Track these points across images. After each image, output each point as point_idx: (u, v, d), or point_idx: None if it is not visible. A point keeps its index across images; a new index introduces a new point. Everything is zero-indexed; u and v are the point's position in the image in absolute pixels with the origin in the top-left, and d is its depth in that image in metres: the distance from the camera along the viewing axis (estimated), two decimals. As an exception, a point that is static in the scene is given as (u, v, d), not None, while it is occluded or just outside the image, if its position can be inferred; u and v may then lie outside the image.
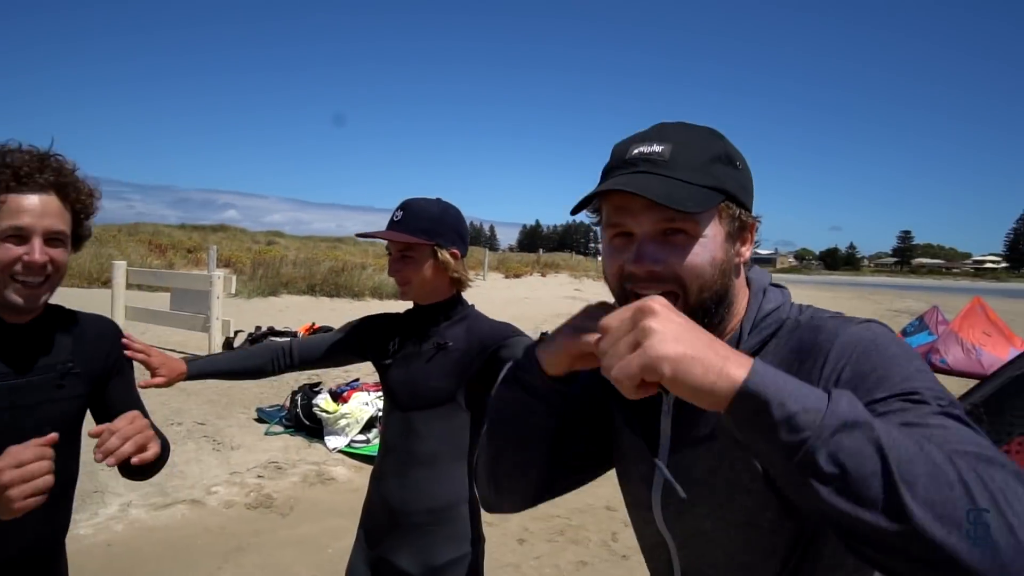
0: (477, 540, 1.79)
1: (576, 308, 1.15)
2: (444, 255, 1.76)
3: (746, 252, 0.94)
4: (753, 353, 0.89)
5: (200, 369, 1.87)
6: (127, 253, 17.33)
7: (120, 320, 9.19)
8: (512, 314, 15.43)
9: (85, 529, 3.74)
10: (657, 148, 0.88)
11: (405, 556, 1.75)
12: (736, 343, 0.93)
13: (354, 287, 17.01)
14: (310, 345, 1.98)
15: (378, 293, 17.27)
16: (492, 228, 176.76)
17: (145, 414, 1.40)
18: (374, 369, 1.93)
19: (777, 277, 1.04)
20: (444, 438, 1.75)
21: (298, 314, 12.34)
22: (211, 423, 5.73)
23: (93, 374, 1.48)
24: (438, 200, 1.82)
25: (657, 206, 0.83)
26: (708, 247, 0.87)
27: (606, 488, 2.10)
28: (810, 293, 36.71)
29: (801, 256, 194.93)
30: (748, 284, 0.97)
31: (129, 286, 10.07)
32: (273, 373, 1.98)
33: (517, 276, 30.29)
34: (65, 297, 1.41)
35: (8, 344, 1.35)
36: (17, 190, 1.28)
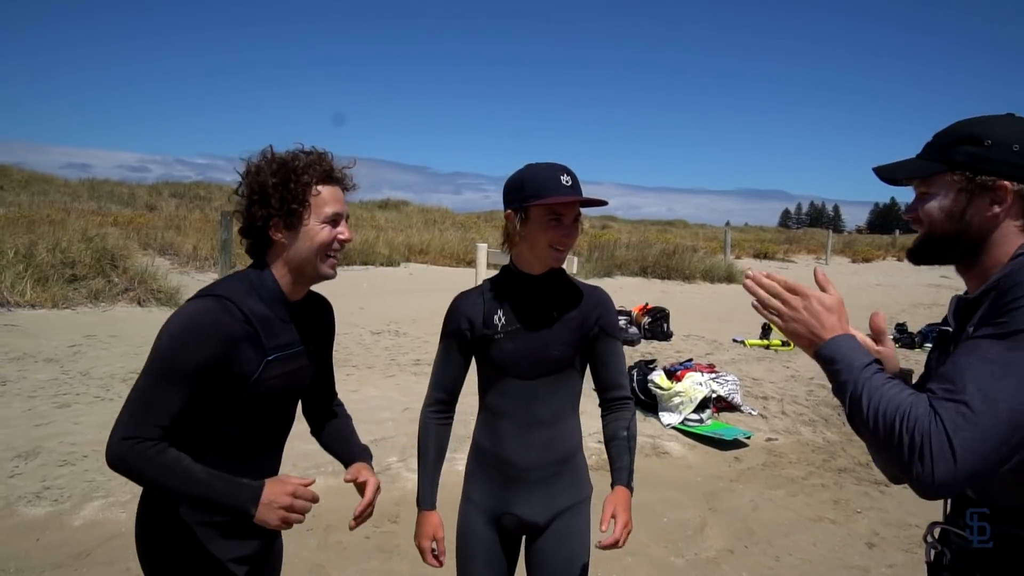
0: (590, 486, 1.95)
1: (940, 297, 1.18)
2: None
3: (995, 208, 1.16)
4: (991, 287, 1.12)
5: (432, 495, 1.91)
6: (486, 237, 19.67)
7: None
8: (860, 302, 13.97)
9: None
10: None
11: (531, 507, 1.85)
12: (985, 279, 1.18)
13: (685, 270, 17.00)
14: (451, 381, 1.91)
15: (709, 276, 17.02)
16: (836, 208, 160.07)
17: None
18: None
19: None
20: (564, 399, 1.86)
21: (632, 295, 12.79)
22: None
23: (327, 345, 1.83)
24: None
25: None
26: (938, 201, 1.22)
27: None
28: None
29: None
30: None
31: (489, 266, 11.51)
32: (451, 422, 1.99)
33: (867, 260, 27.18)
34: (438, 274, 1.70)
35: (292, 319, 1.62)
36: (328, 183, 1.58)
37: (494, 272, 1.95)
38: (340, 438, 1.90)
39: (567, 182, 1.72)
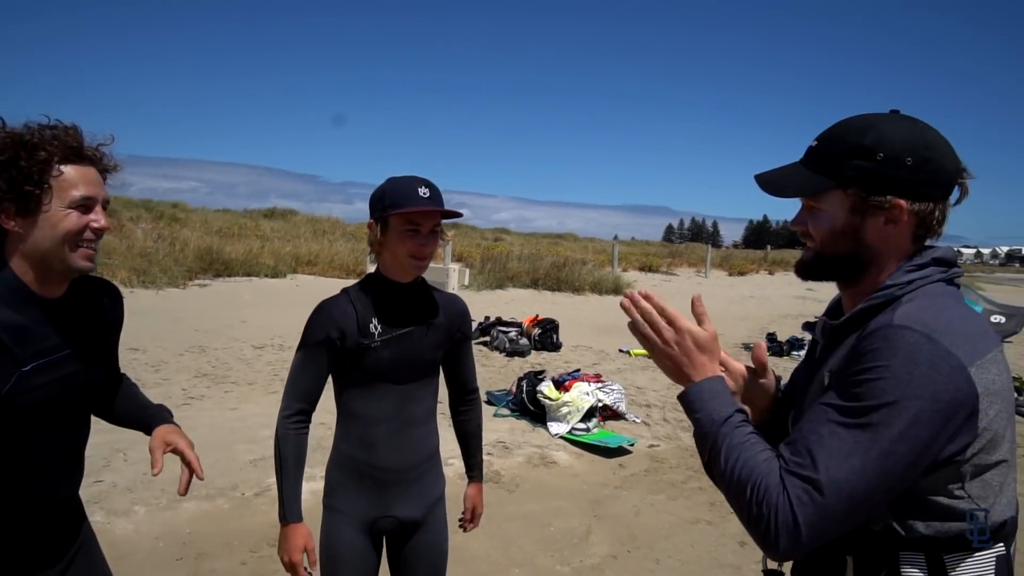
0: (444, 474, 2.08)
1: (807, 309, 1.22)
2: (444, 231, 1.91)
3: (889, 228, 1.11)
4: (850, 319, 1.14)
5: (297, 506, 1.83)
6: (377, 248, 19.34)
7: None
8: (736, 314, 14.84)
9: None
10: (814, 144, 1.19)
11: (407, 506, 1.92)
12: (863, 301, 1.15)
13: (574, 282, 17.42)
14: (313, 391, 1.86)
15: (597, 288, 17.52)
16: (715, 224, 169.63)
17: None
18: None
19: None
20: (430, 399, 1.97)
21: (522, 306, 12.96)
22: (446, 403, 6.27)
23: (110, 339, 1.67)
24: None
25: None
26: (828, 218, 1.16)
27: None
28: (1111, 299, 30.63)
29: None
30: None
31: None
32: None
33: (742, 274, 28.87)
34: (327, 286, 1.65)
35: (53, 320, 1.42)
36: (75, 163, 1.36)
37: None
38: (131, 406, 1.73)
39: (424, 194, 1.78)
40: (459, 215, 1.89)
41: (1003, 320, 13.09)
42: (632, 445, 5.58)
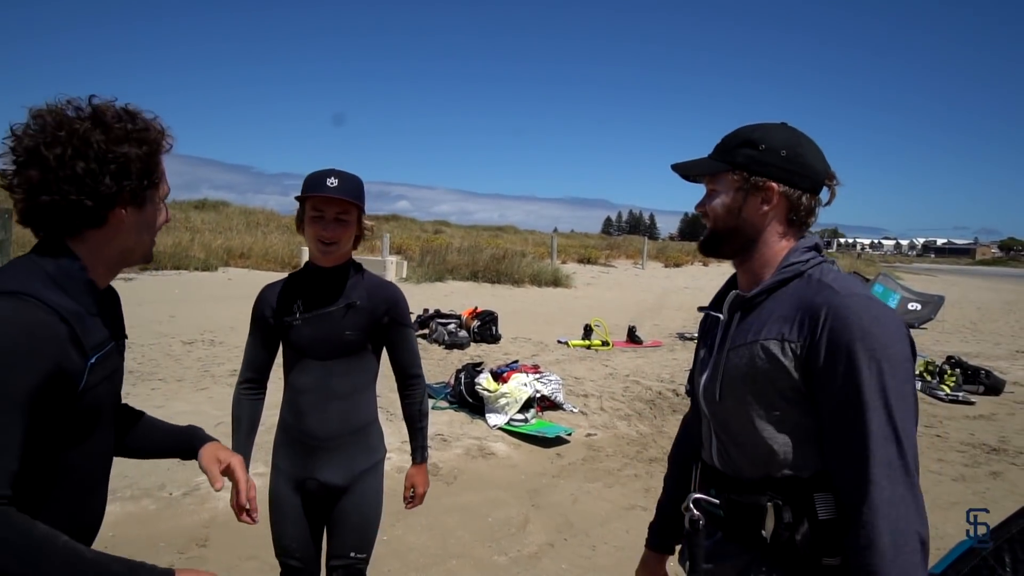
0: (383, 450, 2.23)
1: None
2: (365, 220, 2.08)
3: (764, 208, 1.34)
4: (765, 290, 1.33)
5: (247, 446, 2.18)
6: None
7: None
8: (672, 304, 15.17)
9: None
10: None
11: (330, 471, 2.09)
12: (760, 279, 1.36)
13: (514, 274, 17.49)
14: (258, 361, 2.17)
15: (537, 280, 17.63)
16: (652, 217, 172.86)
17: None
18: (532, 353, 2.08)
19: (973, 270, 1.27)
20: (358, 376, 2.11)
21: (462, 299, 12.92)
22: (384, 395, 6.20)
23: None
24: (354, 174, 2.04)
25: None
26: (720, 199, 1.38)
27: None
28: (1014, 288, 32.57)
29: (1008, 246, 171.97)
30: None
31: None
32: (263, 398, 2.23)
33: (678, 265, 29.56)
34: (260, 279, 1.62)
35: (100, 312, 1.33)
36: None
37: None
38: (159, 431, 1.60)
39: (332, 183, 1.95)
40: (357, 205, 1.99)
41: (919, 307, 13.80)
42: (569, 435, 5.65)
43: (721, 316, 1.42)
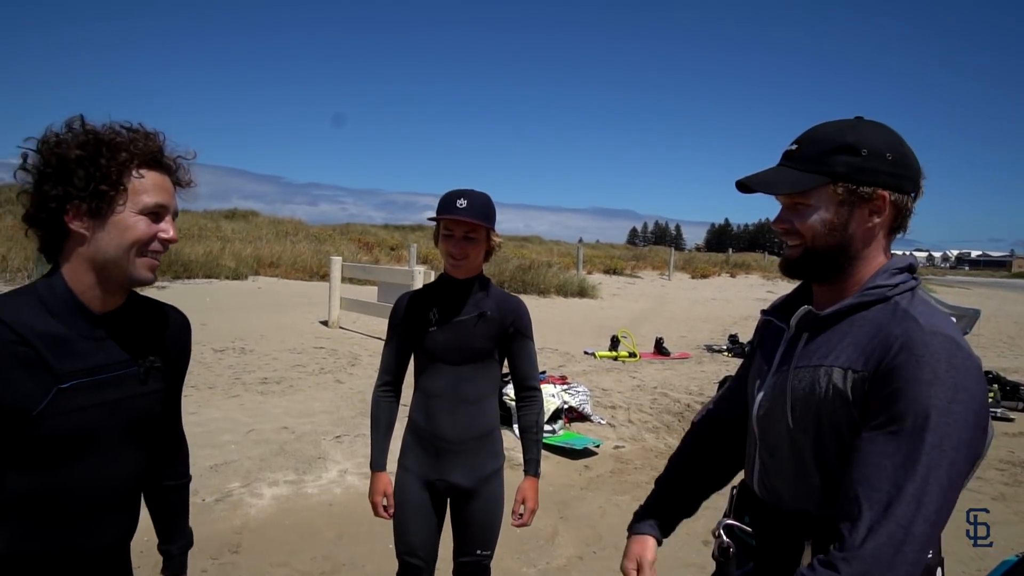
0: (503, 455, 2.34)
1: None
2: (494, 237, 2.18)
3: (874, 219, 1.19)
4: (841, 311, 1.19)
5: (382, 459, 2.32)
6: (341, 250, 19.14)
7: (335, 310, 10.27)
8: (698, 315, 15.04)
9: (312, 489, 4.27)
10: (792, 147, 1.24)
11: (459, 473, 2.22)
12: (843, 298, 1.21)
13: (540, 284, 17.45)
14: (394, 366, 2.33)
15: (563, 291, 17.59)
16: (678, 227, 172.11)
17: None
18: (559, 364, 2.08)
19: (1010, 283, 1.19)
20: (484, 382, 2.23)
21: (488, 309, 12.90)
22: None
23: (175, 373, 1.48)
24: (485, 192, 2.17)
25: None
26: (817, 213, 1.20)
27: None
28: (1055, 301, 31.75)
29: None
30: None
31: (344, 279, 11.22)
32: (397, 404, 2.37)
33: (704, 276, 29.29)
34: (289, 288, 1.62)
35: (106, 335, 1.30)
36: (153, 169, 1.28)
37: (349, 286, 2.16)
38: (164, 510, 1.57)
39: (461, 204, 2.08)
40: (480, 225, 2.10)
41: (954, 321, 13.51)
42: (598, 447, 5.62)
43: (786, 328, 1.28)
